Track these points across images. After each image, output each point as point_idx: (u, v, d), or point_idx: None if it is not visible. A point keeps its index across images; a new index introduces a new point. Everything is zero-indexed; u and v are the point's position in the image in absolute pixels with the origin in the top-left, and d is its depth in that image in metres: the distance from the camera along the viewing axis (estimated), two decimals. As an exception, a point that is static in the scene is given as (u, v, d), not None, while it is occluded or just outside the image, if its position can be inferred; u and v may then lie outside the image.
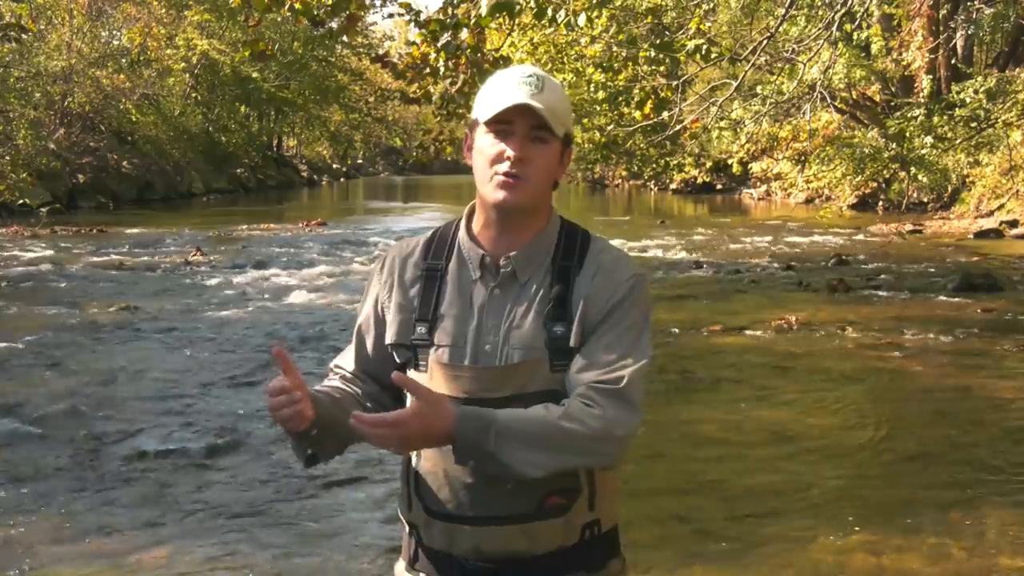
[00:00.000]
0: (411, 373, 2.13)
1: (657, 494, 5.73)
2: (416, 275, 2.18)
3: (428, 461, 2.11)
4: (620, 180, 48.62)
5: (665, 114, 11.34)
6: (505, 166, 2.07)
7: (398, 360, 2.17)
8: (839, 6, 10.99)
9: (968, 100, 20.72)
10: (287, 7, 8.67)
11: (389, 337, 2.17)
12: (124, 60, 36.49)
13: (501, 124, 2.08)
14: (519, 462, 1.97)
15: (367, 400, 2.20)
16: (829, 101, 18.05)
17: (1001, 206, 22.67)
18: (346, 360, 2.27)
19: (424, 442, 1.98)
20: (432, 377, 2.10)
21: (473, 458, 1.98)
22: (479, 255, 2.15)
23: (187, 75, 41.63)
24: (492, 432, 1.95)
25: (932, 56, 23.31)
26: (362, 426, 1.91)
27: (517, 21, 10.36)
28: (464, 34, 8.72)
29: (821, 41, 11.76)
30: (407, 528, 2.22)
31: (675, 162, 38.84)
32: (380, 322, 2.21)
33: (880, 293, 13.23)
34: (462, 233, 2.20)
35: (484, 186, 2.11)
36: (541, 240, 2.15)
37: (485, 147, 2.10)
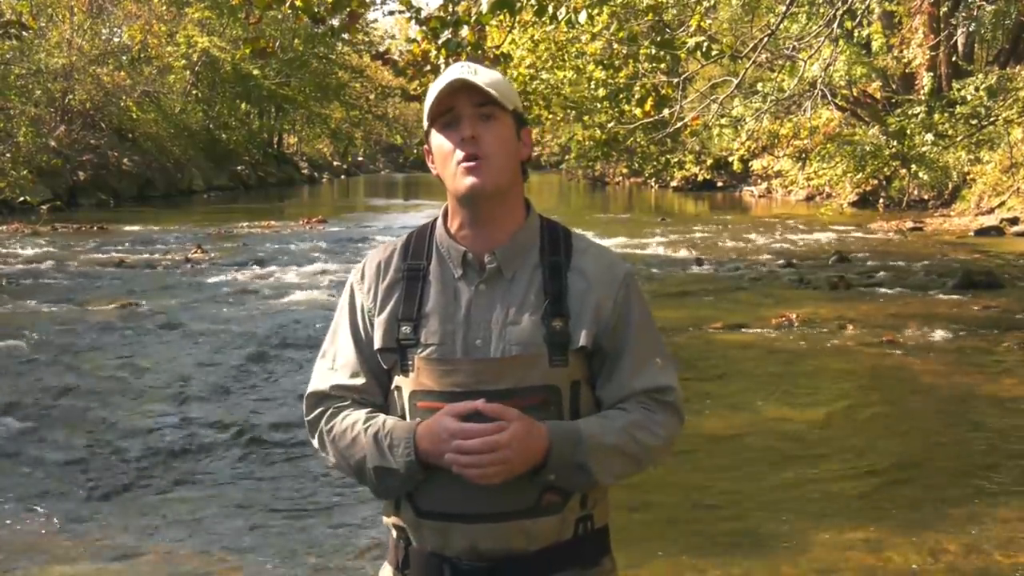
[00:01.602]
0: (397, 377, 2.12)
1: (656, 491, 5.73)
2: (397, 277, 2.16)
3: None
4: (621, 177, 48.61)
5: (666, 111, 11.34)
6: (460, 152, 2.07)
7: (384, 366, 2.14)
8: (840, 3, 10.99)
9: (969, 97, 20.75)
10: (288, 4, 8.66)
11: (376, 342, 2.14)
12: (125, 57, 36.43)
13: (446, 115, 2.09)
14: (603, 472, 2.06)
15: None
16: (830, 98, 18.06)
17: (1002, 203, 22.66)
18: (343, 378, 2.18)
19: (524, 463, 1.98)
20: (419, 375, 2.08)
21: (562, 471, 2.03)
22: (460, 252, 2.13)
23: (188, 72, 41.60)
24: (583, 443, 2.03)
25: (933, 53, 23.31)
26: (467, 456, 1.94)
27: (518, 18, 10.35)
28: (465, 31, 8.70)
29: (822, 38, 11.76)
30: (393, 532, 2.19)
31: (676, 159, 38.86)
32: (369, 329, 2.17)
33: (880, 290, 13.23)
34: (440, 231, 2.18)
35: (450, 181, 2.11)
36: (524, 235, 2.15)
37: (441, 144, 2.11)
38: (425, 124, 2.15)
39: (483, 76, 2.09)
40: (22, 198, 25.29)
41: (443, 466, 2.01)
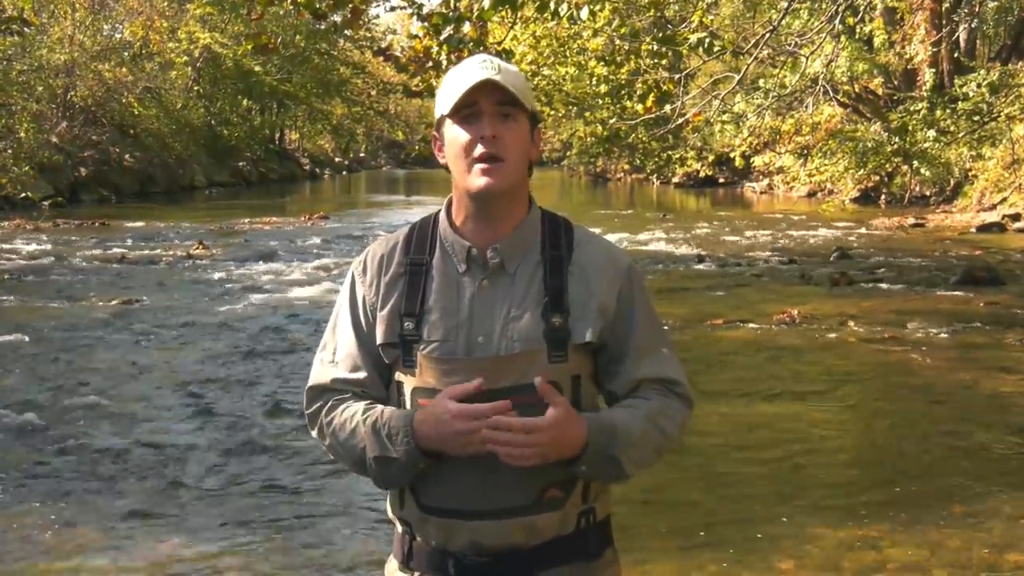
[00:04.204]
0: (398, 372, 2.12)
1: (656, 488, 5.73)
2: (399, 272, 2.15)
3: None
4: (622, 174, 48.57)
5: (667, 107, 11.32)
6: (480, 149, 2.06)
7: (386, 360, 2.13)
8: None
9: (971, 94, 20.70)
10: (289, 1, 8.66)
11: (379, 337, 2.13)
12: (126, 53, 36.42)
13: (467, 109, 2.07)
14: (631, 464, 2.07)
15: None
16: (832, 95, 18.04)
17: (1003, 200, 22.63)
18: (344, 372, 2.16)
19: (559, 450, 1.99)
20: (422, 373, 2.08)
21: (596, 463, 2.04)
22: (465, 247, 2.12)
23: (189, 68, 41.57)
24: (617, 436, 2.04)
25: (935, 49, 23.26)
26: (505, 433, 1.94)
27: (519, 14, 10.34)
28: (467, 27, 8.70)
29: (824, 34, 11.75)
30: (399, 526, 2.19)
31: (677, 156, 38.81)
32: (371, 323, 2.15)
33: (882, 287, 13.22)
34: (443, 226, 2.17)
35: (463, 177, 2.10)
36: (526, 228, 2.14)
37: (456, 137, 2.09)
38: (438, 113, 2.13)
39: (506, 75, 2.08)
40: (24, 194, 25.27)
41: (444, 451, 2.01)
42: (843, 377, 8.70)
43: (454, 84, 2.09)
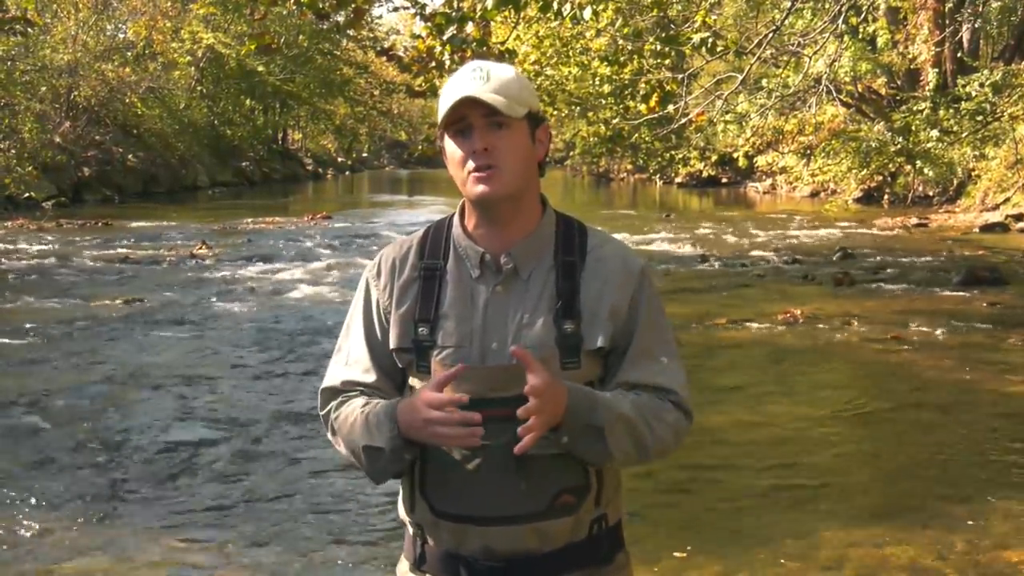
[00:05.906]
0: (412, 376, 2.12)
1: (660, 488, 5.74)
2: (414, 276, 2.15)
3: (434, 461, 2.09)
4: (625, 174, 48.58)
5: (670, 107, 11.34)
6: (471, 163, 2.06)
7: (399, 364, 2.14)
8: (845, -1, 10.98)
9: (974, 93, 20.71)
10: (292, 0, 8.67)
11: (392, 341, 2.13)
12: (129, 53, 36.45)
13: (458, 124, 2.07)
14: (614, 441, 2.02)
15: None
16: (835, 94, 18.05)
17: (1007, 200, 22.61)
18: (355, 374, 2.18)
19: (555, 413, 1.96)
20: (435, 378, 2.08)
21: (577, 432, 1.99)
22: (478, 253, 2.12)
23: (192, 68, 41.59)
24: (598, 406, 2.00)
25: (938, 49, 23.26)
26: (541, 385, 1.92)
27: (522, 15, 10.35)
28: (470, 27, 8.72)
29: (827, 34, 11.76)
30: (410, 529, 2.20)
31: (680, 156, 38.86)
32: (384, 326, 2.16)
33: (885, 287, 13.22)
34: (457, 231, 2.17)
35: (462, 187, 2.10)
36: (539, 234, 2.14)
37: (451, 151, 2.10)
38: (438, 129, 2.13)
39: (494, 83, 2.06)
40: (27, 194, 25.26)
41: (423, 440, 2.00)
42: (846, 377, 8.70)
43: (444, 97, 2.08)
